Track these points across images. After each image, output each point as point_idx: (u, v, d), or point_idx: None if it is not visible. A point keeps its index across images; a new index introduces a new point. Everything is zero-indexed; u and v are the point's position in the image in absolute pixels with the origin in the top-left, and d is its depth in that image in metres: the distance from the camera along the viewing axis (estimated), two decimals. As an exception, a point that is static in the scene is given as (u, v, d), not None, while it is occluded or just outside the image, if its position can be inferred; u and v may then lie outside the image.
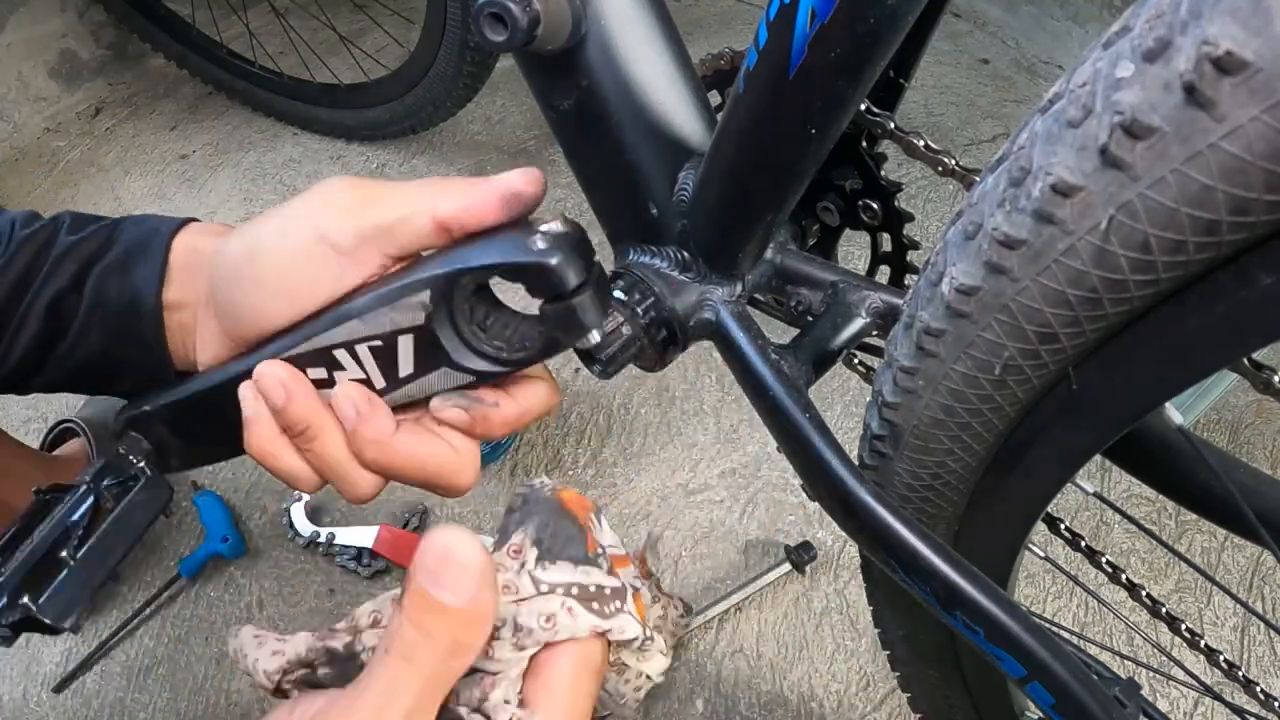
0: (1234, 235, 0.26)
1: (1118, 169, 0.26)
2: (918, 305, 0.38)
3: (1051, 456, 0.40)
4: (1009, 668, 0.40)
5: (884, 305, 0.50)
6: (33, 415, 1.24)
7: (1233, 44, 0.22)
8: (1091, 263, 0.29)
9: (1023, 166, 0.30)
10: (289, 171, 1.56)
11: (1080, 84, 0.27)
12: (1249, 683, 0.56)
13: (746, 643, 1.01)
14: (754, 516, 1.10)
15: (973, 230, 0.33)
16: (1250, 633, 1.01)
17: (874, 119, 0.52)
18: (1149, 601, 0.57)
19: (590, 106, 0.46)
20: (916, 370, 0.39)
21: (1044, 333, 0.33)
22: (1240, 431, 1.16)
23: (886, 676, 0.98)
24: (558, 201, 1.42)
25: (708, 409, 1.20)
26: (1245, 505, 0.50)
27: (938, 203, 1.42)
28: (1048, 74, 1.65)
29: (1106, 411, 0.36)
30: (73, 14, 1.70)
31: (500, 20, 0.40)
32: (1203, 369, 0.32)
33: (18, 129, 1.67)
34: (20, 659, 1.03)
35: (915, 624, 0.63)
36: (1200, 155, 0.24)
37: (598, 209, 0.53)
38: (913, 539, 0.40)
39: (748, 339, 0.49)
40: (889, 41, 0.35)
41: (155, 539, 1.11)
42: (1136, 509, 1.10)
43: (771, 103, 0.39)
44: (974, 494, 0.45)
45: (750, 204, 0.46)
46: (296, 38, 1.61)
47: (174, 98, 1.73)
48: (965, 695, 0.66)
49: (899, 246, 0.58)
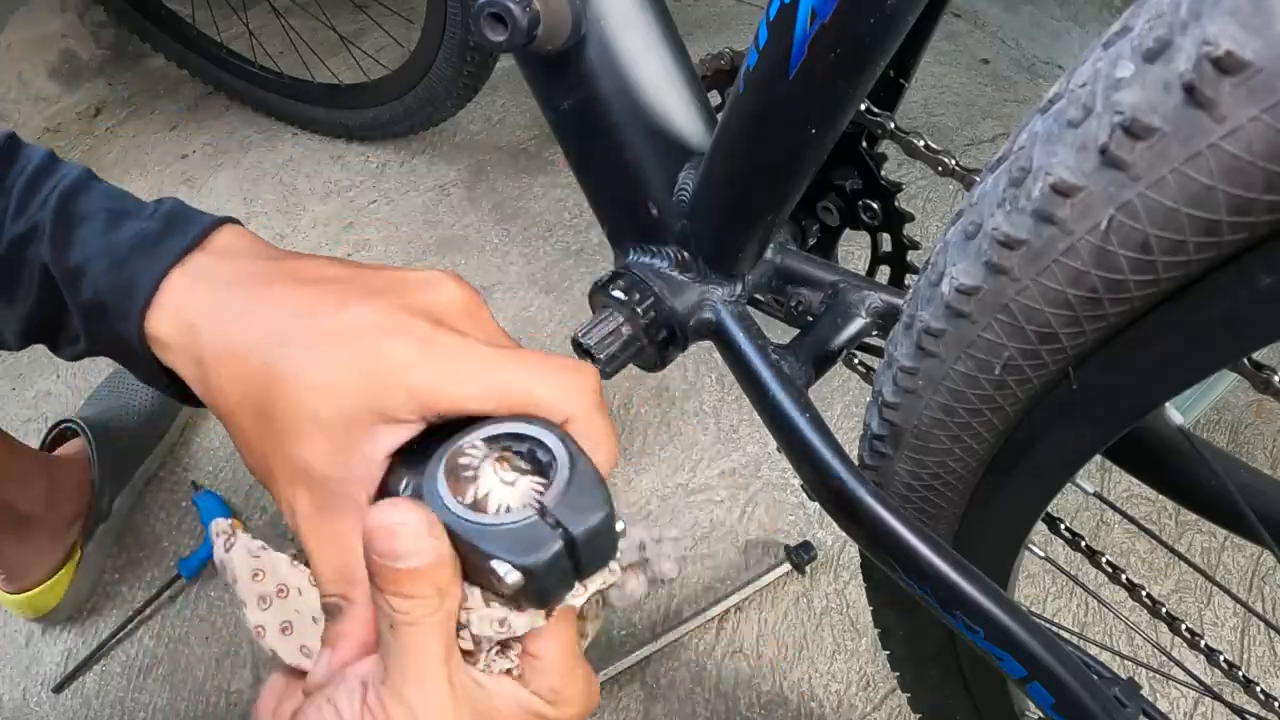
0: (1234, 235, 0.26)
1: (1118, 169, 0.26)
2: (918, 305, 0.38)
3: (1052, 456, 0.40)
4: (1009, 668, 0.40)
5: (884, 305, 0.50)
6: (33, 415, 1.24)
7: (1233, 44, 0.22)
8: (1091, 263, 0.29)
9: (1023, 166, 0.30)
10: (289, 171, 1.56)
11: (1080, 84, 0.27)
12: (1249, 683, 0.56)
13: (746, 643, 1.01)
14: (754, 516, 1.10)
15: (973, 230, 0.33)
16: (1250, 633, 1.01)
17: (874, 119, 0.52)
18: (1149, 601, 0.57)
19: (590, 106, 0.46)
20: (917, 370, 0.39)
21: (1044, 333, 0.33)
22: (1240, 431, 1.16)
23: (886, 676, 0.98)
24: (557, 202, 1.42)
25: (708, 409, 1.20)
26: (1246, 506, 0.50)
27: (938, 203, 1.42)
28: (1048, 74, 1.65)
29: (1107, 411, 0.36)
30: (73, 14, 1.70)
31: (500, 20, 0.40)
32: (1203, 369, 0.32)
33: (18, 129, 1.66)
34: (20, 659, 1.03)
35: (915, 624, 0.63)
36: (1200, 155, 0.24)
37: (598, 209, 0.53)
38: (913, 539, 0.40)
39: (748, 339, 0.49)
40: (889, 41, 0.35)
41: (155, 539, 1.11)
42: (1136, 509, 1.10)
43: (772, 103, 0.39)
44: (974, 494, 0.45)
45: (750, 204, 0.46)
46: (296, 38, 1.61)
47: (174, 98, 1.73)
48: (965, 695, 0.66)
49: (899, 246, 0.58)
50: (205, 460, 1.18)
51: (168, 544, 1.11)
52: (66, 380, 1.27)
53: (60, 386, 1.27)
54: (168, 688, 1.00)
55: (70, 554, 1.02)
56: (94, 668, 1.02)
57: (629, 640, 1.00)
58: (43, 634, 1.04)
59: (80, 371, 1.27)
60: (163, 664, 1.02)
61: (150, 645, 1.03)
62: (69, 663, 1.02)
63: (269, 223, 1.47)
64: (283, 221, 1.47)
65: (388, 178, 1.53)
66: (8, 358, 1.30)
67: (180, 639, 1.03)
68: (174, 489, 1.15)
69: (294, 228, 1.46)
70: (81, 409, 1.15)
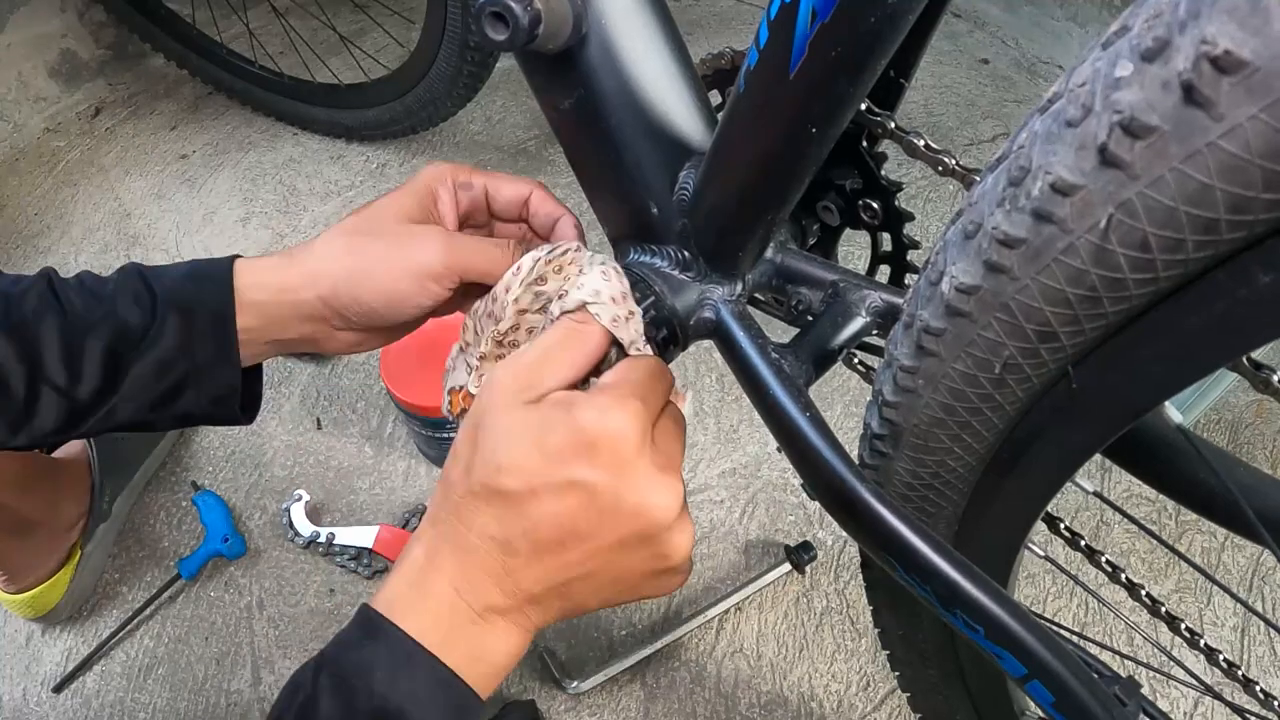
0: (1233, 234, 0.26)
1: (1117, 168, 0.26)
2: (918, 304, 0.38)
3: (1052, 455, 0.40)
4: (1009, 667, 0.40)
5: (884, 304, 0.50)
6: (33, 415, 1.24)
7: (1231, 43, 0.22)
8: (1091, 261, 0.29)
9: (1022, 166, 0.30)
10: (289, 171, 1.56)
11: (1079, 83, 0.27)
12: (1249, 682, 0.56)
13: (746, 643, 1.01)
14: (754, 516, 1.10)
15: (972, 229, 0.33)
16: (1250, 632, 1.01)
17: (874, 118, 0.52)
18: (1149, 601, 0.57)
19: (591, 106, 0.46)
20: (917, 369, 0.39)
21: (1044, 331, 0.33)
22: (1240, 431, 1.16)
23: (886, 676, 0.98)
24: (558, 201, 1.42)
25: (708, 409, 1.20)
26: (1247, 505, 0.50)
27: (938, 202, 1.42)
28: (1048, 74, 1.65)
29: (1106, 410, 0.36)
30: (73, 14, 1.70)
31: (501, 19, 0.40)
32: (1202, 368, 0.32)
33: (18, 129, 1.67)
34: (20, 659, 1.03)
35: (915, 623, 0.63)
36: (1199, 154, 0.24)
37: (598, 208, 0.53)
38: (913, 538, 0.40)
39: (748, 338, 0.49)
40: (890, 41, 0.35)
41: (155, 539, 1.11)
42: (1136, 508, 1.10)
43: (772, 102, 0.39)
44: (974, 493, 0.45)
45: (751, 203, 0.46)
46: (296, 38, 1.61)
47: (174, 98, 1.73)
48: (965, 694, 0.66)
49: (899, 246, 0.58)
50: (205, 460, 1.18)
51: (168, 544, 1.11)
52: (67, 380, 1.27)
53: (60, 386, 1.27)
54: (168, 688, 1.00)
55: (70, 554, 1.02)
56: (94, 668, 1.02)
57: (629, 640, 1.00)
58: (43, 634, 1.04)
59: (80, 371, 1.27)
60: (163, 664, 1.02)
61: (150, 645, 1.03)
62: (69, 663, 1.02)
63: (269, 223, 1.47)
64: (283, 221, 1.47)
65: (388, 178, 1.53)
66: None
67: (180, 639, 1.03)
68: (174, 489, 1.16)
69: (294, 228, 1.46)
70: (82, 409, 1.14)
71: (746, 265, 0.51)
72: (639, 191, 0.49)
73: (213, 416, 0.53)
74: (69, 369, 0.48)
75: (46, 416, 0.49)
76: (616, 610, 1.03)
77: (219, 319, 0.50)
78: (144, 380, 0.50)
